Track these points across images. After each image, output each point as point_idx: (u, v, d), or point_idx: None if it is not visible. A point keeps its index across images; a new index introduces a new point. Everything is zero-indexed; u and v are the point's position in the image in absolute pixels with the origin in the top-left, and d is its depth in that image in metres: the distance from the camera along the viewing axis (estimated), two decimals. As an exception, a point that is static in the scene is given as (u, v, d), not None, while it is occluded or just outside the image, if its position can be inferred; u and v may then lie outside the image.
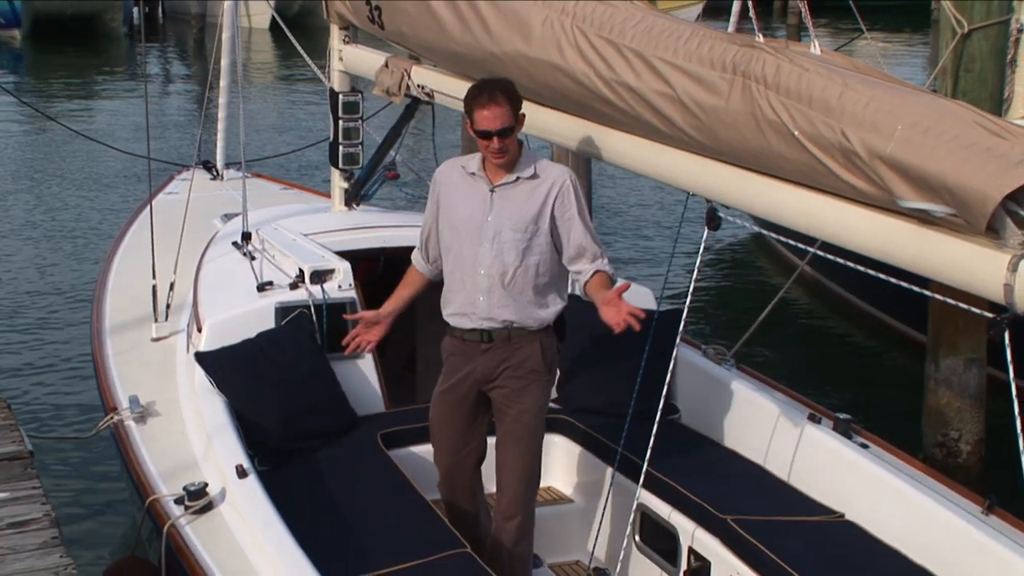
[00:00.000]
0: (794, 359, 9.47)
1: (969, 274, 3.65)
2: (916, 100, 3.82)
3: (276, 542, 4.55)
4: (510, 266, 4.92)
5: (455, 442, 5.22)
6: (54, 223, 14.14)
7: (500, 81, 4.95)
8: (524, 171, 4.95)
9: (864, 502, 5.22)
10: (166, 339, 6.77)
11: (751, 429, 5.84)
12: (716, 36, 4.44)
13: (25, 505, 5.26)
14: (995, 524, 4.82)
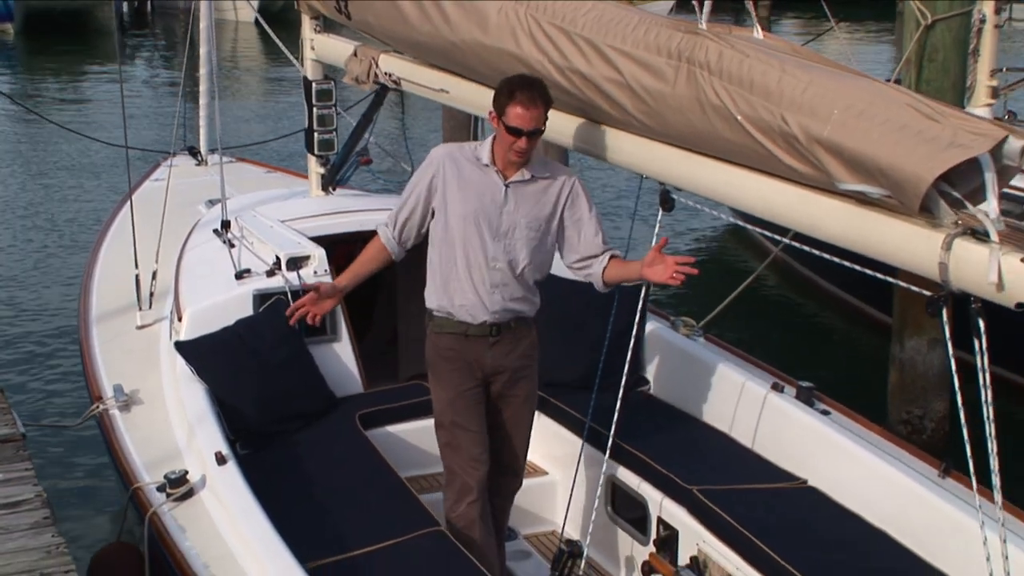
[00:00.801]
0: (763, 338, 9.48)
1: (906, 253, 3.65)
2: (852, 84, 3.81)
3: (253, 528, 4.58)
4: (522, 261, 4.82)
5: (481, 445, 5.00)
6: (46, 212, 14.14)
7: (536, 81, 4.72)
8: (537, 169, 4.83)
9: (826, 468, 5.25)
10: (150, 327, 6.77)
11: (717, 399, 5.86)
12: (662, 23, 4.43)
13: (17, 486, 5.29)
14: (951, 487, 4.84)
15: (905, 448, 5.24)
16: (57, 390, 9.03)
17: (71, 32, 29.73)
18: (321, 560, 4.53)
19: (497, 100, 4.68)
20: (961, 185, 3.49)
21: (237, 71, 25.70)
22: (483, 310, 4.84)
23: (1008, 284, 3.37)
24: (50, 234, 13.24)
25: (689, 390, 6.02)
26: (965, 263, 3.46)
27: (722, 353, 6.08)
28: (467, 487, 4.95)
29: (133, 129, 16.58)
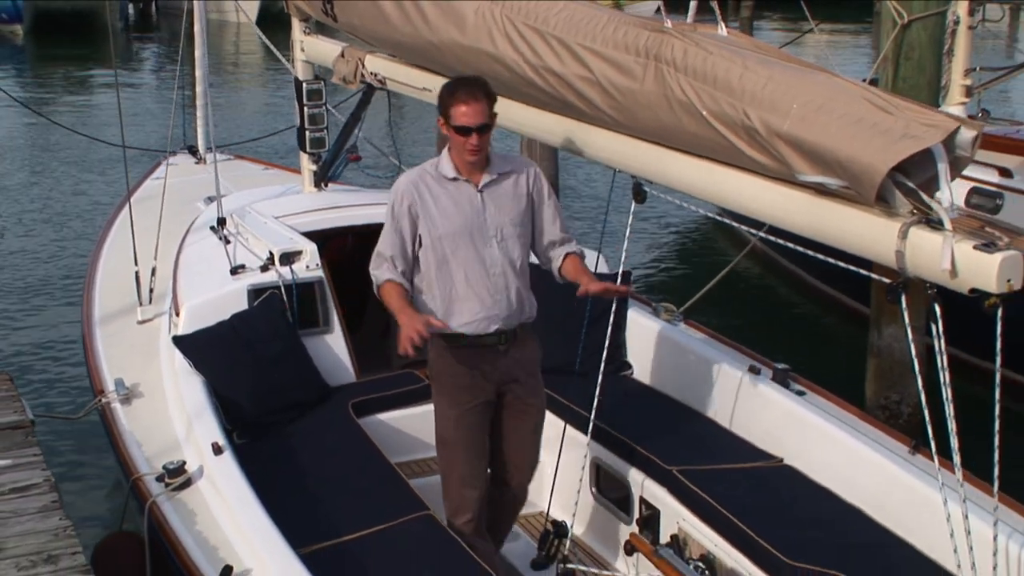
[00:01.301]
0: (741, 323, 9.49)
1: (865, 242, 3.68)
2: (810, 79, 3.82)
3: (249, 516, 4.60)
4: (518, 261, 4.70)
5: (484, 460, 4.91)
6: (52, 209, 14.15)
7: (476, 78, 4.66)
8: (500, 167, 4.70)
9: (801, 447, 5.27)
10: (151, 321, 6.78)
11: (697, 381, 5.88)
12: (630, 22, 4.45)
13: (26, 471, 5.31)
14: (920, 463, 4.86)
15: (877, 427, 5.25)
16: (61, 383, 9.05)
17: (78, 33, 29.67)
18: (314, 546, 4.56)
19: (441, 105, 4.58)
20: (916, 175, 3.51)
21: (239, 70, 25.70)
22: (492, 320, 4.67)
23: (961, 271, 3.39)
24: (56, 231, 13.25)
25: (670, 373, 6.03)
26: (920, 251, 3.48)
27: (701, 337, 6.10)
28: (464, 506, 4.86)
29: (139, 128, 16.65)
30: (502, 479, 5.05)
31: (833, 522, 4.85)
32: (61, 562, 4.58)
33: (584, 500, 5.56)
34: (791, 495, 5.07)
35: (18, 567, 4.53)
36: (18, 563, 4.56)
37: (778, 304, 11.27)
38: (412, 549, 4.64)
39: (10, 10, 31.29)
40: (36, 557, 4.61)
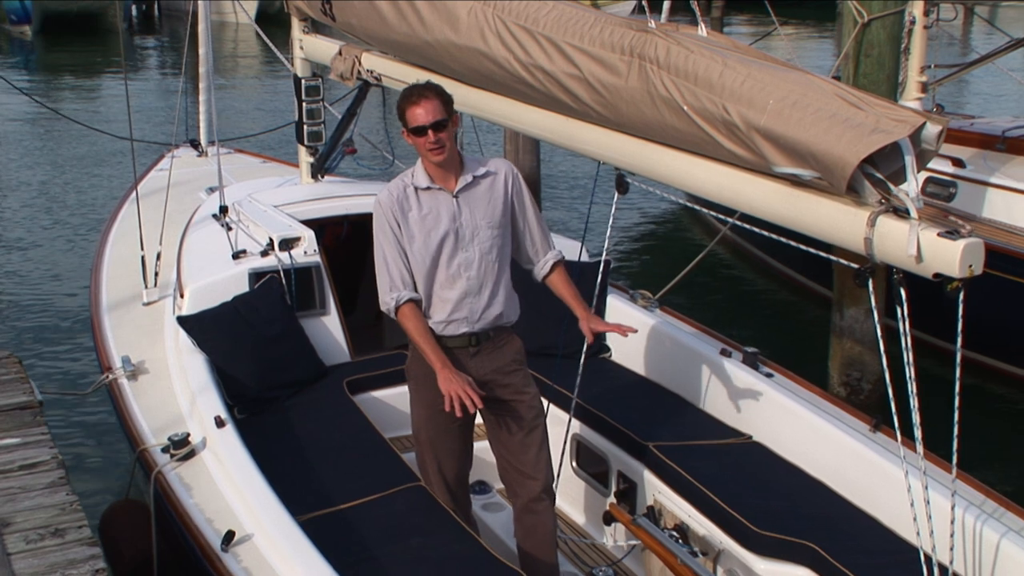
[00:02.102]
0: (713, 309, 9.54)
1: (835, 230, 3.68)
2: (786, 76, 3.83)
3: (250, 485, 4.59)
4: (494, 263, 4.51)
5: (453, 460, 4.73)
6: (61, 199, 14.08)
7: (427, 82, 4.55)
8: (476, 171, 4.50)
9: (768, 425, 5.29)
10: (156, 303, 6.76)
11: (671, 363, 5.90)
12: (616, 22, 4.44)
13: (35, 449, 5.29)
14: (881, 440, 4.89)
15: (840, 406, 5.28)
16: (71, 362, 9.02)
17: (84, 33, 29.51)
18: (311, 513, 4.56)
19: (399, 115, 4.41)
20: (884, 167, 3.52)
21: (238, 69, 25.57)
22: (461, 322, 4.51)
23: (926, 256, 3.40)
24: (65, 220, 13.18)
25: (646, 356, 6.05)
26: (888, 238, 3.49)
27: (676, 322, 6.12)
28: (439, 491, 4.75)
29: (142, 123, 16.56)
30: (513, 492, 4.78)
31: (798, 495, 4.88)
32: (68, 535, 4.57)
33: (565, 474, 5.57)
34: (759, 470, 5.09)
35: (27, 540, 4.52)
36: (27, 536, 4.55)
37: (747, 289, 11.30)
38: (403, 517, 4.63)
39: (19, 12, 31.08)
40: (44, 531, 4.60)
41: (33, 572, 4.33)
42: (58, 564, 4.38)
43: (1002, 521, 4.23)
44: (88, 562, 4.40)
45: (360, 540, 4.47)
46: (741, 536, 4.62)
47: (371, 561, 4.30)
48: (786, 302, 10.84)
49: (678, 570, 4.40)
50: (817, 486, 4.93)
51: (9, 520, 4.67)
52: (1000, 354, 8.68)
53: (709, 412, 5.59)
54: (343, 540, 4.43)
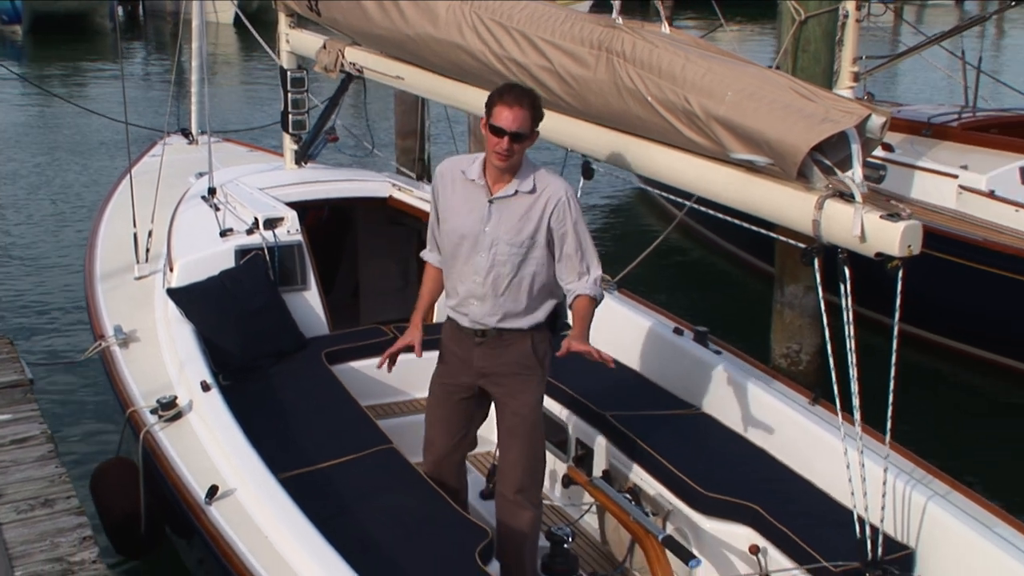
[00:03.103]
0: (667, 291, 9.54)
1: (786, 212, 3.71)
2: (743, 70, 3.84)
3: (233, 445, 4.55)
4: (505, 277, 4.18)
5: (447, 429, 4.53)
6: (58, 184, 13.86)
7: (530, 90, 4.16)
8: (523, 184, 4.13)
9: (716, 397, 5.31)
10: (146, 278, 6.67)
11: (628, 341, 5.89)
12: (585, 18, 4.44)
13: (25, 424, 5.23)
14: (820, 412, 4.91)
15: (782, 381, 5.30)
16: (66, 332, 8.91)
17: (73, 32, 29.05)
18: (291, 472, 4.52)
19: (488, 102, 4.08)
20: (832, 155, 3.55)
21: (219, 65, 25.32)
22: (465, 316, 4.32)
23: (869, 237, 3.43)
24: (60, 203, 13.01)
25: (604, 334, 5.98)
26: (834, 220, 3.52)
27: (633, 304, 6.12)
28: (424, 460, 4.64)
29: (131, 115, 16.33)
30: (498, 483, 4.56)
31: (741, 461, 4.90)
32: (57, 505, 4.53)
33: None
34: (706, 438, 5.11)
35: (17, 511, 4.48)
36: (17, 507, 4.51)
37: (700, 271, 11.31)
38: (375, 476, 4.61)
39: (10, 11, 30.54)
40: (34, 501, 4.55)
41: (24, 541, 4.28)
42: (47, 533, 4.34)
43: (930, 487, 4.27)
44: (76, 530, 4.37)
45: (335, 497, 4.45)
46: (689, 497, 4.64)
47: (345, 516, 4.29)
48: (736, 281, 10.85)
49: (631, 527, 4.41)
50: (759, 453, 4.95)
51: (0, 492, 4.61)
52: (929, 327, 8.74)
53: (661, 385, 5.59)
54: (319, 496, 4.40)
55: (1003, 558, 3.90)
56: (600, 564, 5.00)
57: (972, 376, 8.60)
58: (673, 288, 9.99)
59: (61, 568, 4.11)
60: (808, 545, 4.19)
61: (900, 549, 4.16)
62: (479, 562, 3.99)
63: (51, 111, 18.06)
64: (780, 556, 4.31)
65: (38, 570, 4.09)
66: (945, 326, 8.69)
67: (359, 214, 7.14)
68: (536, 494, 4.49)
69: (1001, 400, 8.31)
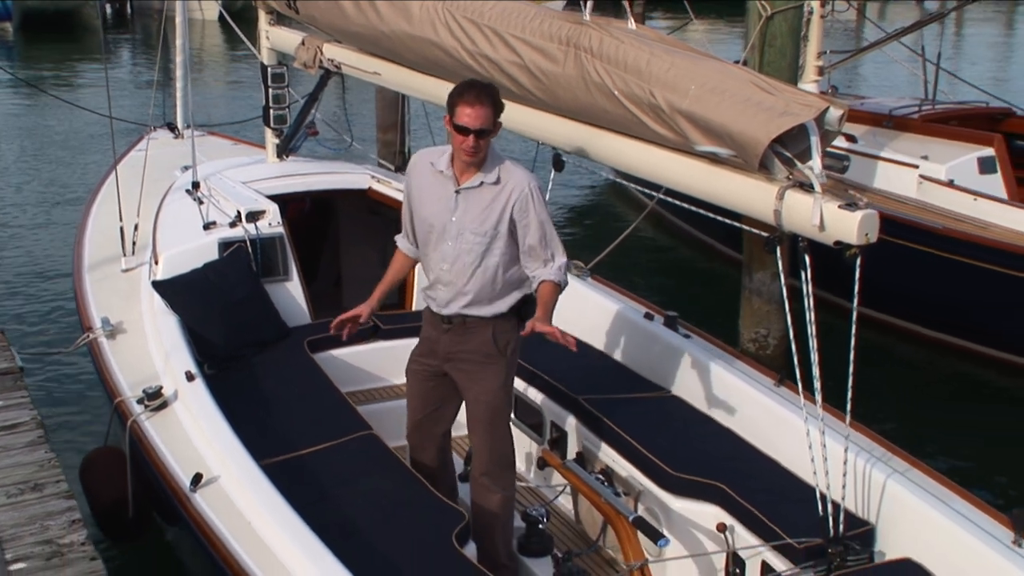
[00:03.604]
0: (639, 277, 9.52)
1: (749, 202, 3.70)
2: (706, 65, 3.83)
3: (217, 433, 4.52)
4: (470, 265, 4.21)
5: (422, 403, 4.56)
6: (46, 178, 13.74)
7: (488, 84, 4.16)
8: (488, 175, 4.14)
9: (685, 380, 5.30)
10: (133, 270, 6.61)
11: (600, 326, 5.89)
12: (554, 15, 4.42)
13: (15, 411, 5.20)
14: (784, 394, 4.91)
15: (749, 363, 5.30)
16: (55, 324, 8.83)
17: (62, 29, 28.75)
18: (273, 459, 4.49)
19: (449, 102, 4.10)
20: (792, 146, 3.54)
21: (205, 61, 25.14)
22: (435, 301, 4.36)
23: (828, 226, 3.43)
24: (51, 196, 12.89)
25: (578, 320, 6.01)
26: (794, 210, 3.51)
27: (605, 289, 6.10)
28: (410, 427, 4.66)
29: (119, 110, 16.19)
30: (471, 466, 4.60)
31: (710, 442, 4.90)
32: (46, 489, 4.52)
33: None
34: (676, 419, 5.10)
35: (7, 495, 4.46)
36: (7, 491, 4.49)
37: (670, 258, 11.29)
38: (355, 462, 4.60)
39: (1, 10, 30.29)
40: (24, 485, 4.54)
41: (14, 524, 4.26)
42: (37, 516, 4.33)
43: (889, 464, 4.28)
44: (65, 513, 4.35)
45: (316, 482, 4.43)
46: (658, 478, 4.63)
47: (325, 501, 4.27)
48: (705, 268, 10.84)
49: (602, 508, 4.40)
50: (727, 433, 4.95)
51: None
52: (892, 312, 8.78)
53: (633, 369, 5.58)
54: (300, 482, 4.38)
55: (959, 533, 3.92)
56: (575, 543, 4.99)
57: (932, 358, 8.64)
58: (644, 275, 9.98)
59: (51, 550, 4.10)
60: (773, 522, 4.19)
61: (861, 525, 4.17)
62: (456, 544, 3.99)
63: (41, 107, 17.89)
64: (746, 533, 4.31)
65: (28, 552, 4.08)
66: (907, 311, 8.74)
67: (340, 205, 7.09)
68: (503, 477, 4.50)
69: (959, 381, 8.36)
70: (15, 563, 4.01)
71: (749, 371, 5.16)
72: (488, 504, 4.48)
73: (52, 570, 3.98)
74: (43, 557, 4.06)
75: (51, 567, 4.00)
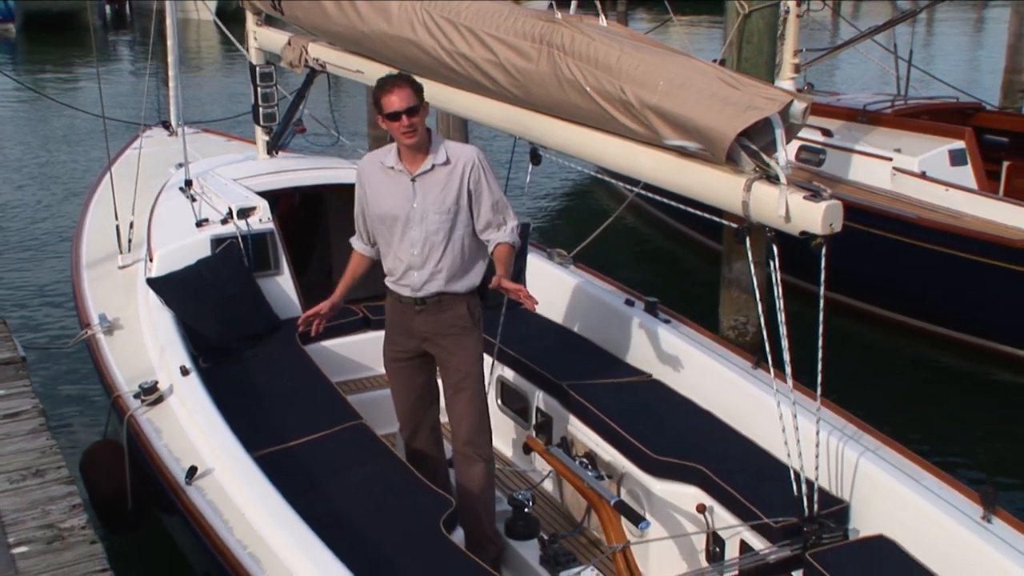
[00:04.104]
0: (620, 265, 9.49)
1: (717, 194, 3.68)
2: (674, 61, 3.79)
3: (211, 426, 4.51)
4: (439, 244, 4.30)
5: (409, 390, 4.61)
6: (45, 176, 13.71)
7: (400, 72, 4.37)
8: (437, 157, 4.26)
9: (666, 364, 5.30)
10: (129, 267, 6.59)
11: (582, 313, 5.88)
12: (527, 14, 4.38)
13: (17, 400, 5.19)
14: (761, 376, 4.90)
15: (727, 347, 5.29)
16: (54, 320, 8.83)
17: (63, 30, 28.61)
18: (265, 450, 4.49)
19: (375, 102, 4.24)
20: (758, 139, 3.51)
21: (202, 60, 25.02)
22: (406, 287, 4.41)
23: (794, 217, 3.41)
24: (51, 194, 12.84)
25: (561, 307, 6.03)
26: (761, 201, 3.49)
27: (587, 277, 6.10)
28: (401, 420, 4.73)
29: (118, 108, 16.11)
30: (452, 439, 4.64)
31: (689, 424, 4.90)
32: (48, 475, 4.51)
33: (491, 410, 5.53)
34: (657, 404, 5.10)
35: (10, 481, 4.45)
36: (10, 477, 4.48)
37: (650, 247, 11.28)
38: (346, 451, 4.59)
39: (4, 11, 30.16)
40: (26, 471, 4.53)
41: (16, 509, 4.26)
42: (39, 501, 4.32)
43: (860, 442, 4.28)
44: (66, 498, 4.34)
45: (307, 472, 4.43)
46: (640, 461, 4.63)
47: (316, 490, 4.26)
48: (683, 257, 10.85)
49: (585, 492, 4.40)
50: (706, 416, 4.95)
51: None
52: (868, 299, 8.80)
53: (615, 354, 5.58)
54: (292, 472, 4.37)
55: (930, 509, 3.92)
56: (560, 525, 5.00)
57: (906, 342, 8.68)
58: (625, 263, 9.98)
59: (52, 534, 4.11)
60: (750, 503, 4.19)
61: (835, 503, 4.17)
62: (443, 530, 3.98)
63: (43, 106, 17.82)
64: (725, 514, 4.31)
65: (30, 536, 4.08)
66: (882, 298, 8.77)
67: (329, 199, 7.06)
68: (484, 445, 4.57)
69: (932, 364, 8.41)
70: (17, 546, 4.02)
71: (727, 354, 5.16)
72: (472, 474, 4.54)
73: (53, 553, 3.98)
74: (44, 541, 4.06)
75: (52, 550, 4.00)
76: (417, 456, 4.67)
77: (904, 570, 3.86)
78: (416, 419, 4.66)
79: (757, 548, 4.11)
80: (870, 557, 3.94)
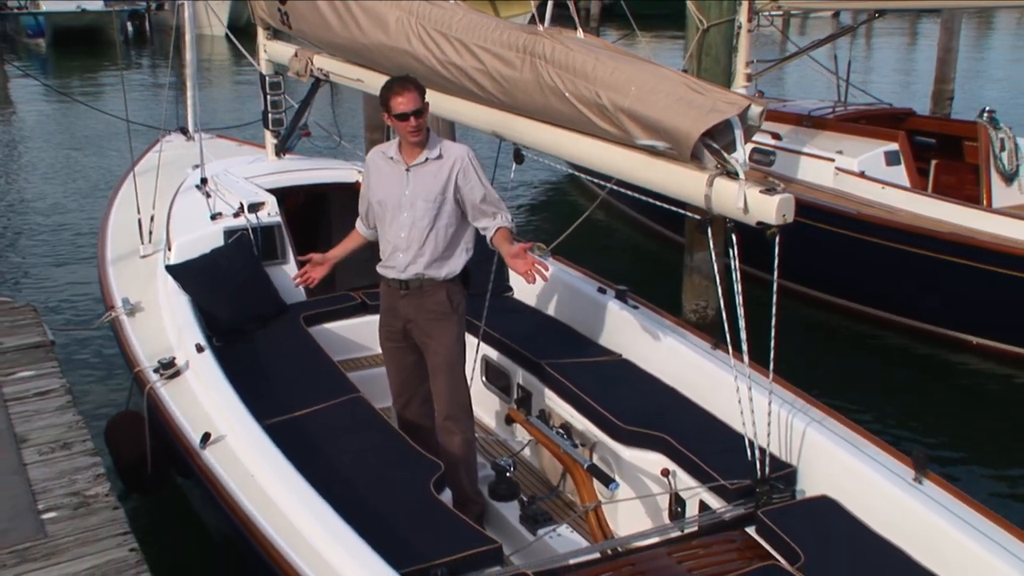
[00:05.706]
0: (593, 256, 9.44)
1: (683, 189, 3.68)
2: (645, 68, 3.79)
3: (224, 397, 4.49)
4: (424, 229, 4.31)
5: (400, 366, 4.62)
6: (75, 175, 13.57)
7: (407, 76, 4.36)
8: (432, 152, 4.30)
9: (634, 346, 5.29)
10: (150, 256, 6.54)
11: (559, 299, 5.88)
12: (512, 27, 4.37)
13: (47, 379, 5.15)
14: (720, 356, 4.90)
15: (689, 329, 5.29)
16: (81, 303, 8.77)
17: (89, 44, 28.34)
18: (273, 419, 4.47)
19: (382, 101, 4.26)
20: (719, 139, 3.51)
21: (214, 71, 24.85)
22: (392, 269, 4.43)
23: (751, 209, 3.41)
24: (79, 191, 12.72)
25: (541, 294, 6.02)
26: (722, 195, 3.49)
27: (564, 267, 6.09)
28: (394, 393, 4.72)
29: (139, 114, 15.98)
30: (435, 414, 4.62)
31: (655, 399, 4.89)
32: (74, 448, 4.50)
33: (476, 387, 5.53)
34: (626, 380, 5.09)
35: (40, 452, 4.45)
36: (40, 449, 4.47)
37: (621, 239, 11.23)
38: (345, 421, 4.58)
39: (35, 27, 29.90)
40: (54, 444, 4.52)
41: (45, 479, 4.26)
42: (66, 471, 4.31)
43: (807, 414, 4.30)
44: (91, 469, 4.34)
45: (311, 439, 4.41)
46: (611, 430, 4.63)
47: (319, 456, 4.25)
48: (650, 248, 10.83)
49: (561, 458, 4.40)
50: (670, 391, 4.95)
51: (25, 437, 4.58)
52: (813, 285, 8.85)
53: (588, 336, 5.57)
54: (297, 439, 4.35)
55: (868, 472, 3.94)
56: (538, 488, 4.99)
57: (847, 323, 8.71)
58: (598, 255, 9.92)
59: (78, 501, 4.09)
60: (709, 467, 4.20)
61: (784, 467, 4.19)
62: (433, 491, 3.98)
63: (72, 112, 17.66)
64: (686, 477, 4.32)
65: (58, 503, 4.08)
66: (826, 284, 8.82)
67: (331, 197, 7.03)
68: (463, 420, 4.57)
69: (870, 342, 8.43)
70: (47, 512, 4.01)
71: (690, 336, 5.16)
72: (453, 445, 4.56)
73: (79, 518, 3.98)
74: (71, 507, 4.05)
75: (78, 515, 4.00)
76: (409, 426, 4.66)
77: (845, 526, 3.88)
78: (408, 393, 4.67)
79: (715, 507, 4.13)
80: (815, 515, 3.96)
